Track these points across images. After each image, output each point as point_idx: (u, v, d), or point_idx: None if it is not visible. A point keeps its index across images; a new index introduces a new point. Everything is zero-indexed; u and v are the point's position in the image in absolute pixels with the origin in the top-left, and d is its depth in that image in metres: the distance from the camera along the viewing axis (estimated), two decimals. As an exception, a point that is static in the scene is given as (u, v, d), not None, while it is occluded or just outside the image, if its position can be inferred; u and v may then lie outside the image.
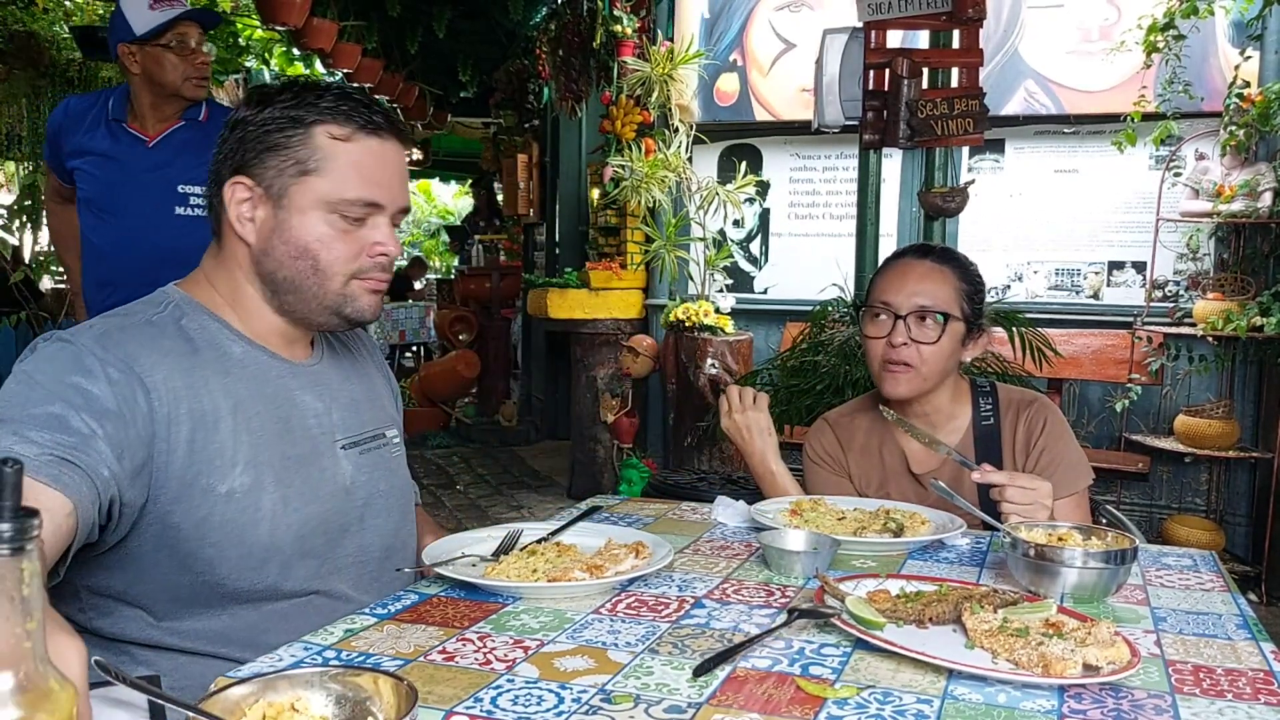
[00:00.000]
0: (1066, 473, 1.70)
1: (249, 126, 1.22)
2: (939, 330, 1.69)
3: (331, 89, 1.25)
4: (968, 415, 1.79)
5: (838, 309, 3.40)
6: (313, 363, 1.34)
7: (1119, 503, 4.43)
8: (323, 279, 1.24)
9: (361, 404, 1.39)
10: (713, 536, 1.51)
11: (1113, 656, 0.94)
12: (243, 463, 1.18)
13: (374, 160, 1.23)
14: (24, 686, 0.50)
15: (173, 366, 1.16)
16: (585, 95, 5.65)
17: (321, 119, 1.21)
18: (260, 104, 1.23)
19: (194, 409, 1.16)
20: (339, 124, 1.21)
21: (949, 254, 1.79)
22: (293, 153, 1.21)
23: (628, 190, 4.96)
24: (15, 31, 5.92)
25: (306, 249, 1.22)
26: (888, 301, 1.72)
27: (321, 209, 1.22)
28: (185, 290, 1.29)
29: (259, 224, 1.23)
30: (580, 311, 5.31)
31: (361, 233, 1.24)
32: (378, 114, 1.24)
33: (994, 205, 4.75)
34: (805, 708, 0.87)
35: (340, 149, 1.21)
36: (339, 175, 1.21)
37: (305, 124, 1.21)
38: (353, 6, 5.52)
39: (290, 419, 1.27)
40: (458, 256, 11.61)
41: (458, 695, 0.89)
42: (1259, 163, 4.05)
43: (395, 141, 1.26)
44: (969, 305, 1.73)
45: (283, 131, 1.21)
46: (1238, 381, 4.31)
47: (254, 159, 1.22)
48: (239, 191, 1.22)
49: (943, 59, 3.14)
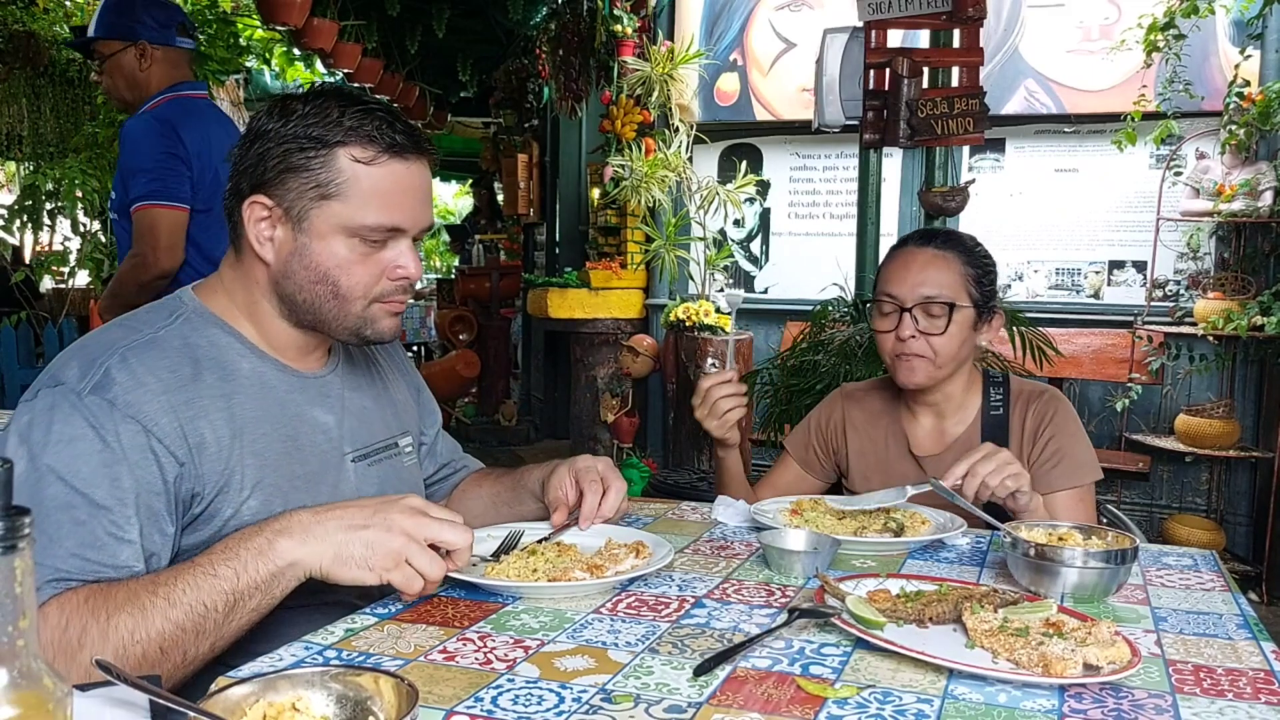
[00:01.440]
0: (1070, 465, 1.68)
1: (269, 142, 1.19)
2: (946, 320, 1.66)
3: (356, 103, 1.20)
4: (977, 404, 1.78)
5: (838, 308, 3.40)
6: (325, 373, 1.34)
7: (1119, 502, 4.43)
8: (342, 303, 1.22)
9: (373, 413, 1.38)
10: (713, 536, 1.50)
11: (1113, 656, 0.93)
12: (250, 487, 1.18)
13: (397, 184, 1.20)
14: (18, 684, 0.50)
15: (173, 402, 1.15)
16: (585, 95, 5.65)
17: (345, 141, 1.17)
18: (283, 116, 1.20)
19: (198, 441, 1.15)
20: (362, 146, 1.18)
21: (952, 239, 1.76)
22: (314, 175, 1.18)
23: (628, 190, 4.96)
24: (15, 31, 5.92)
25: (326, 274, 1.21)
26: (892, 294, 1.70)
27: (342, 234, 1.19)
28: (201, 298, 1.28)
29: (278, 245, 1.21)
30: (580, 311, 5.31)
31: (382, 255, 1.22)
32: (402, 133, 1.20)
33: (994, 205, 4.75)
34: (805, 707, 0.87)
35: (363, 173, 1.18)
36: (361, 200, 1.18)
37: (328, 145, 1.17)
38: (352, 6, 5.52)
39: (299, 436, 1.26)
40: (458, 256, 11.61)
41: (458, 695, 0.88)
42: (1259, 162, 4.05)
43: (420, 162, 1.23)
44: (977, 289, 1.70)
45: (304, 152, 1.18)
46: (1238, 381, 4.31)
47: (274, 178, 1.19)
48: (258, 210, 1.20)
49: (943, 58, 3.14)
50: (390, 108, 1.24)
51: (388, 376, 1.47)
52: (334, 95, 1.21)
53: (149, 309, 1.26)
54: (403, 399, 1.49)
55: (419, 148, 1.22)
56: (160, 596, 1.02)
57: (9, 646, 0.50)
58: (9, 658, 0.50)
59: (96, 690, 0.89)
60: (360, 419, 1.35)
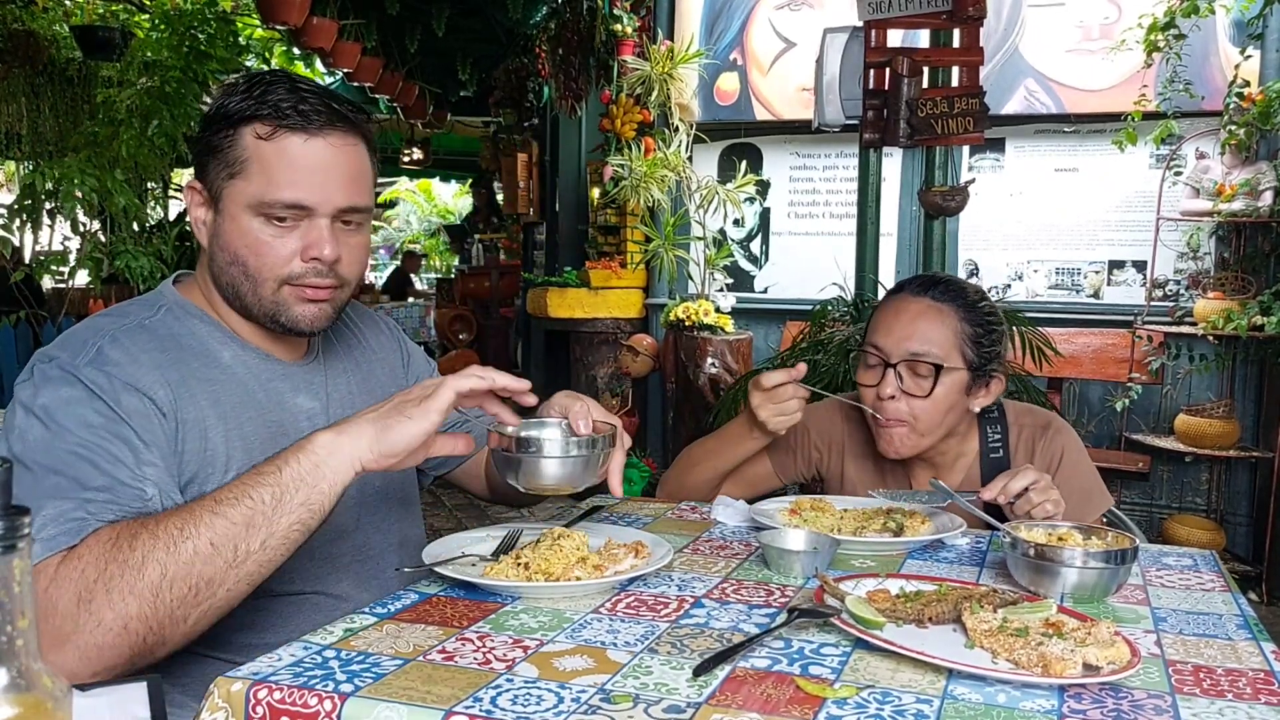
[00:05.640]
0: (1083, 503, 1.60)
1: (202, 127, 1.22)
2: (932, 381, 1.51)
3: (284, 81, 1.19)
4: (974, 447, 1.65)
5: (838, 308, 3.40)
6: (306, 362, 1.34)
7: (1119, 502, 4.43)
8: (254, 284, 1.20)
9: (359, 400, 1.38)
10: (712, 536, 1.50)
11: (1113, 656, 0.93)
12: (235, 469, 1.18)
13: (300, 159, 1.17)
14: (17, 685, 0.50)
15: (166, 377, 1.17)
16: (585, 94, 5.65)
17: (249, 118, 1.16)
18: (216, 99, 1.22)
19: (185, 418, 1.17)
20: (263, 122, 1.16)
21: (954, 290, 1.58)
22: (224, 155, 1.18)
23: (627, 189, 4.96)
24: (15, 31, 5.91)
25: (237, 254, 1.20)
26: (878, 345, 1.56)
27: (249, 212, 1.18)
28: (180, 291, 1.29)
29: (207, 228, 1.23)
30: (580, 311, 5.31)
31: (293, 236, 1.19)
32: (309, 106, 1.17)
33: (994, 204, 4.75)
34: (805, 707, 0.87)
35: (263, 148, 1.16)
36: (264, 178, 1.16)
37: (234, 123, 1.17)
38: (352, 5, 5.51)
39: (283, 423, 1.27)
40: (458, 256, 11.62)
41: (457, 695, 0.88)
42: (1259, 161, 4.05)
43: (333, 136, 1.18)
44: (973, 349, 1.55)
45: (219, 133, 1.18)
46: (1238, 381, 4.31)
47: (199, 161, 1.21)
48: (194, 195, 1.23)
49: (943, 58, 3.13)
50: (313, 84, 1.22)
51: (377, 361, 1.46)
52: (259, 76, 1.21)
53: (132, 302, 1.28)
54: (388, 376, 1.47)
55: (332, 122, 1.18)
56: (207, 498, 1.05)
57: (9, 646, 0.50)
58: (9, 658, 0.50)
59: (96, 690, 0.89)
60: (346, 406, 1.35)
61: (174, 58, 5.25)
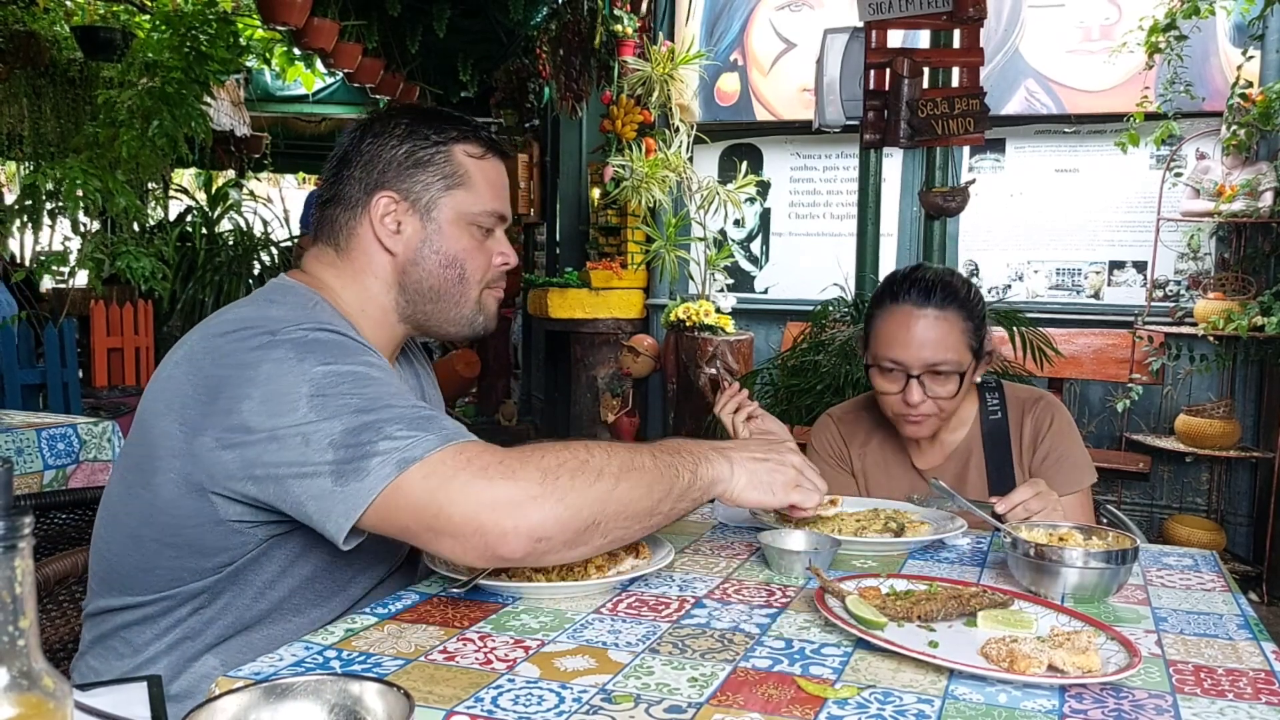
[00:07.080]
0: (1071, 471, 1.70)
1: (384, 147, 1.30)
2: (956, 384, 1.64)
3: (438, 114, 1.36)
4: (974, 412, 1.77)
5: (838, 309, 3.40)
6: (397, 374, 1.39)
7: (1120, 502, 4.43)
8: (466, 287, 1.34)
9: None
10: (713, 536, 1.50)
11: (1082, 664, 0.93)
12: None
13: (500, 177, 1.36)
14: (18, 685, 0.50)
15: None
16: (585, 95, 5.65)
17: (458, 139, 1.32)
18: (386, 127, 1.31)
19: None
20: (473, 144, 1.33)
21: (949, 294, 1.68)
22: (439, 168, 1.31)
23: (628, 190, 4.96)
24: (15, 31, 5.92)
25: (455, 258, 1.32)
26: (897, 360, 1.65)
27: (464, 220, 1.32)
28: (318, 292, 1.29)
29: (407, 235, 1.30)
30: (580, 311, 5.31)
31: (489, 243, 1.35)
32: (492, 136, 1.38)
33: (994, 205, 4.75)
34: (805, 708, 0.87)
35: (476, 166, 1.33)
36: (478, 189, 1.32)
37: (445, 143, 1.32)
38: (353, 6, 5.51)
39: None
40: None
41: (458, 695, 0.88)
42: (1260, 162, 4.05)
43: (504, 161, 1.40)
44: (975, 340, 1.68)
45: (427, 150, 1.31)
46: (1239, 381, 4.31)
47: (400, 174, 1.30)
48: (384, 204, 1.29)
49: (943, 59, 3.14)
50: None
51: (423, 379, 1.52)
52: (420, 109, 1.37)
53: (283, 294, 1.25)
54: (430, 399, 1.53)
55: (504, 150, 1.41)
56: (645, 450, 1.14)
57: (9, 646, 0.50)
58: (9, 658, 0.50)
59: (95, 690, 0.89)
60: None
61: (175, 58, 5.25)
